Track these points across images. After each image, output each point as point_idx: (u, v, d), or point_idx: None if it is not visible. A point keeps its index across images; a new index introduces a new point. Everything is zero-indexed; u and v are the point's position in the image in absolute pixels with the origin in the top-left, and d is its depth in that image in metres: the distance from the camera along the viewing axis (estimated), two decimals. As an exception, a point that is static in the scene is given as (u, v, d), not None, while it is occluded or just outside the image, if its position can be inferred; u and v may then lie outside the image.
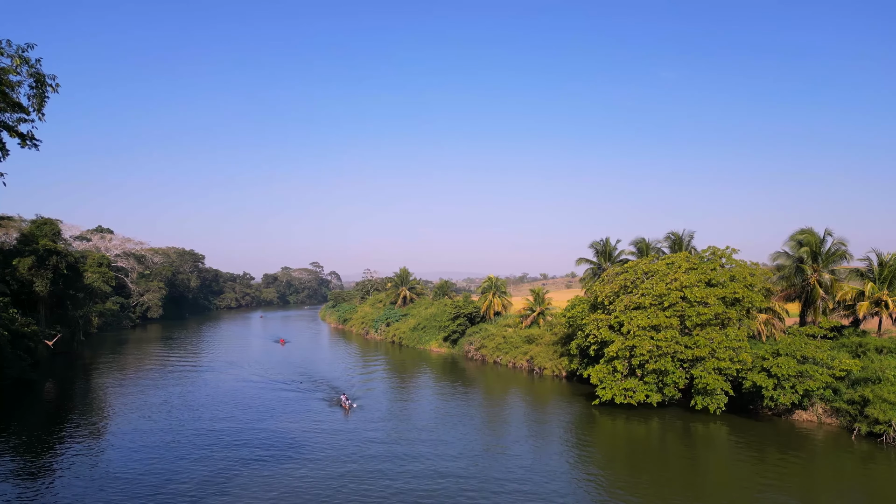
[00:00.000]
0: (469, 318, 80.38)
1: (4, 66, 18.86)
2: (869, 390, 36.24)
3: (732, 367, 40.79)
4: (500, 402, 50.46)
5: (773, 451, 34.04)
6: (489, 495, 26.20)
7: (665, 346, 41.91)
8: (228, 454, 32.67)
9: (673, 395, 42.80)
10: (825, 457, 34.09)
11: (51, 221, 77.53)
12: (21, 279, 71.07)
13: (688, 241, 55.84)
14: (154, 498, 25.89)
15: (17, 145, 41.70)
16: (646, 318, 43.71)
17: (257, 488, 27.38)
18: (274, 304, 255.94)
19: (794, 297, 48.52)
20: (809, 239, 45.97)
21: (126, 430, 37.98)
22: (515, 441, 36.76)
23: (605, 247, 68.57)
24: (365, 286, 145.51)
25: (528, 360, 63.79)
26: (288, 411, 43.88)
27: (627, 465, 33.20)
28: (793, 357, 38.88)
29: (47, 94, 20.27)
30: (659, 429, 40.29)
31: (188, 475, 28.91)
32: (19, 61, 19.02)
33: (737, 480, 29.80)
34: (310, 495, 26.47)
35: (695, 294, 43.42)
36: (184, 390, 52.79)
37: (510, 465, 31.15)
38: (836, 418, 39.11)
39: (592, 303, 52.07)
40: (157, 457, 31.97)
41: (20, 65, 19.11)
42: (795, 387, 38.27)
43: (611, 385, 43.81)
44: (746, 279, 44.61)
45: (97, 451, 33.46)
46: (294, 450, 33.69)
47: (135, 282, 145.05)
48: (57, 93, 20.41)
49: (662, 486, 28.48)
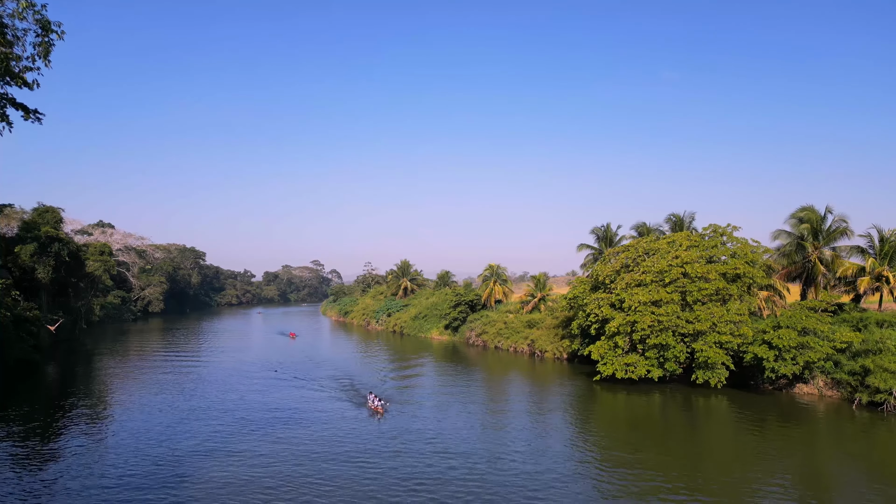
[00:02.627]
0: (470, 306, 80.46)
1: (10, 12, 18.96)
2: (870, 360, 36.32)
3: (734, 341, 40.87)
4: (501, 381, 50.55)
5: (773, 421, 34.11)
6: (492, 472, 24.67)
7: (666, 320, 41.99)
8: (238, 442, 32.70)
9: (674, 370, 42.87)
10: (826, 426, 34.15)
11: (52, 209, 77.60)
12: (23, 266, 71.18)
13: (689, 223, 55.94)
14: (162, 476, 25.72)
15: (21, 118, 41.76)
16: (647, 293, 43.80)
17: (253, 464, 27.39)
18: (275, 301, 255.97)
19: (795, 275, 48.60)
20: (810, 216, 46.05)
21: (131, 409, 37.77)
22: (517, 416, 36.64)
23: (606, 232, 68.62)
24: (366, 279, 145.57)
25: (530, 345, 63.85)
26: (300, 409, 41.74)
27: (628, 434, 33.21)
28: (793, 329, 38.96)
29: (53, 41, 20.33)
30: (660, 401, 40.36)
31: (191, 454, 28.61)
32: (25, 4, 19.10)
33: (738, 447, 29.88)
34: (308, 473, 25.97)
35: (696, 270, 43.51)
36: (187, 377, 52.87)
37: (510, 439, 30.55)
38: (836, 390, 39.20)
39: (594, 284, 52.15)
40: (166, 436, 31.03)
41: (26, 8, 19.19)
42: (796, 358, 38.34)
43: (612, 360, 43.88)
44: (748, 255, 44.71)
45: (100, 430, 33.29)
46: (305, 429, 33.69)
47: (136, 276, 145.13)
48: (62, 40, 20.46)
49: (663, 453, 28.48)
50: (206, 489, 22.17)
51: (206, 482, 22.95)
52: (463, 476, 23.77)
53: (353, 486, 22.50)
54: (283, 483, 22.81)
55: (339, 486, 22.56)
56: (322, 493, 21.74)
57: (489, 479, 23.42)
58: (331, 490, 22.10)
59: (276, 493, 21.68)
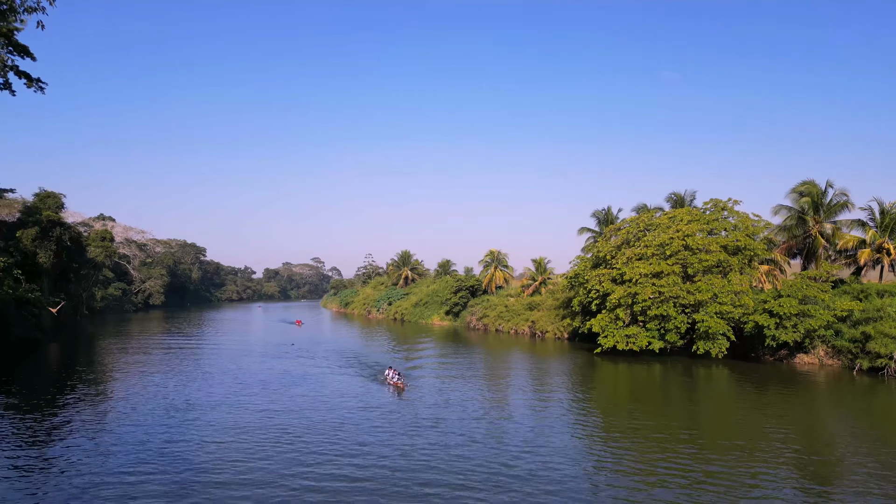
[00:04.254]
0: (471, 292, 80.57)
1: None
2: (871, 327, 36.42)
3: (735, 311, 40.96)
4: (501, 358, 50.62)
5: (774, 386, 34.14)
6: (494, 448, 23.94)
7: (667, 291, 42.10)
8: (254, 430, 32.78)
9: (675, 341, 42.96)
10: (827, 390, 34.23)
11: (54, 194, 77.67)
12: (24, 250, 71.28)
13: (690, 201, 56.02)
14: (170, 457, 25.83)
15: (24, 85, 41.75)
16: (648, 266, 43.91)
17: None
18: (275, 297, 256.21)
19: (796, 251, 48.67)
20: (811, 190, 46.13)
21: (136, 391, 37.78)
22: (519, 389, 35.80)
23: (606, 215, 68.73)
24: (367, 271, 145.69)
25: (530, 326, 63.97)
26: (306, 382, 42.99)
27: (628, 397, 33.33)
28: (794, 297, 39.06)
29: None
30: (660, 371, 40.43)
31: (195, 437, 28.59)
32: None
33: (738, 410, 29.75)
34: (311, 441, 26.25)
35: (697, 242, 43.63)
36: (195, 354, 53.00)
37: (513, 413, 29.95)
38: (837, 359, 39.30)
39: (595, 262, 52.23)
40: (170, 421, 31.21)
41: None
42: (797, 326, 38.44)
43: (613, 333, 43.98)
44: (748, 229, 44.82)
45: (105, 409, 33.31)
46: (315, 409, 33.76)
47: (136, 269, 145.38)
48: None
49: (662, 417, 28.45)
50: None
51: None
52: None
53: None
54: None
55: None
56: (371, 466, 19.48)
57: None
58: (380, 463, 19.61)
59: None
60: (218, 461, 18.86)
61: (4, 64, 40.53)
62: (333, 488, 16.58)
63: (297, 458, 19.22)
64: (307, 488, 16.51)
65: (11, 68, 41.20)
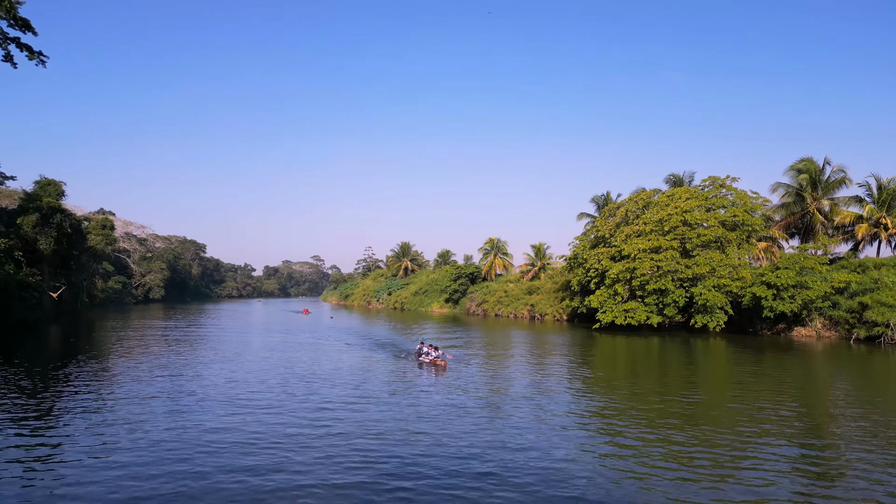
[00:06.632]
0: (470, 279, 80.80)
1: None
2: (868, 297, 36.65)
3: (732, 285, 41.16)
4: (500, 336, 50.75)
5: (771, 355, 34.29)
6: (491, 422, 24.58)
7: (665, 265, 42.31)
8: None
9: (673, 315, 43.17)
10: (824, 357, 34.40)
11: (55, 182, 77.88)
12: (25, 237, 71.47)
13: (688, 182, 56.25)
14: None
15: (26, 58, 41.77)
16: (646, 241, 44.12)
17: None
18: (275, 294, 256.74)
19: (794, 228, 48.90)
20: (809, 167, 46.36)
21: (141, 374, 37.97)
22: (517, 363, 35.71)
23: (605, 200, 69.03)
24: (367, 263, 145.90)
25: (530, 309, 64.18)
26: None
27: (626, 368, 33.46)
28: (792, 269, 39.28)
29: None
30: (658, 343, 40.57)
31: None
32: None
33: (736, 376, 29.80)
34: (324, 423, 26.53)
35: (695, 217, 43.85)
36: (204, 337, 53.10)
37: (510, 385, 30.36)
38: (834, 331, 39.50)
39: (594, 242, 52.48)
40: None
41: None
42: (795, 297, 38.64)
43: (611, 308, 44.20)
44: (747, 205, 45.04)
45: (108, 393, 33.57)
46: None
47: (137, 263, 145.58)
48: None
49: (659, 385, 28.47)
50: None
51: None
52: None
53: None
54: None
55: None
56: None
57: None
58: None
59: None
60: (249, 447, 16.35)
61: (6, 37, 40.72)
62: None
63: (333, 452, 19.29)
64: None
65: (13, 40, 41.40)
